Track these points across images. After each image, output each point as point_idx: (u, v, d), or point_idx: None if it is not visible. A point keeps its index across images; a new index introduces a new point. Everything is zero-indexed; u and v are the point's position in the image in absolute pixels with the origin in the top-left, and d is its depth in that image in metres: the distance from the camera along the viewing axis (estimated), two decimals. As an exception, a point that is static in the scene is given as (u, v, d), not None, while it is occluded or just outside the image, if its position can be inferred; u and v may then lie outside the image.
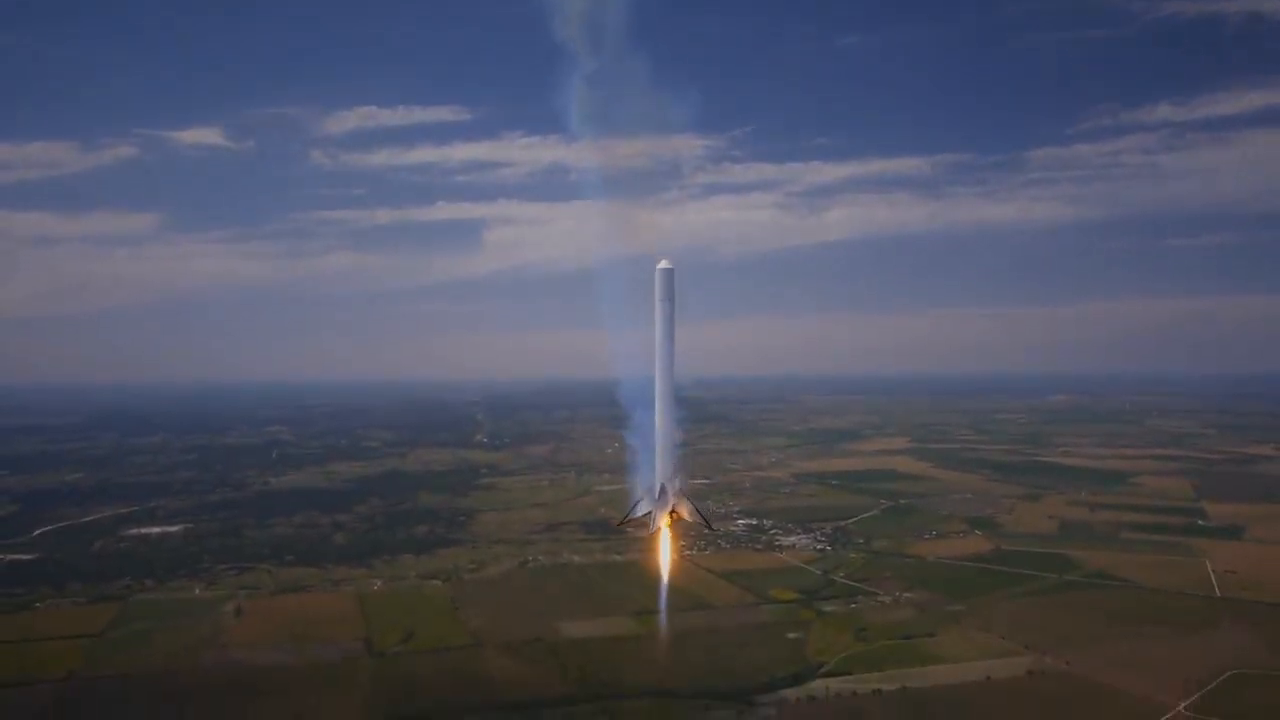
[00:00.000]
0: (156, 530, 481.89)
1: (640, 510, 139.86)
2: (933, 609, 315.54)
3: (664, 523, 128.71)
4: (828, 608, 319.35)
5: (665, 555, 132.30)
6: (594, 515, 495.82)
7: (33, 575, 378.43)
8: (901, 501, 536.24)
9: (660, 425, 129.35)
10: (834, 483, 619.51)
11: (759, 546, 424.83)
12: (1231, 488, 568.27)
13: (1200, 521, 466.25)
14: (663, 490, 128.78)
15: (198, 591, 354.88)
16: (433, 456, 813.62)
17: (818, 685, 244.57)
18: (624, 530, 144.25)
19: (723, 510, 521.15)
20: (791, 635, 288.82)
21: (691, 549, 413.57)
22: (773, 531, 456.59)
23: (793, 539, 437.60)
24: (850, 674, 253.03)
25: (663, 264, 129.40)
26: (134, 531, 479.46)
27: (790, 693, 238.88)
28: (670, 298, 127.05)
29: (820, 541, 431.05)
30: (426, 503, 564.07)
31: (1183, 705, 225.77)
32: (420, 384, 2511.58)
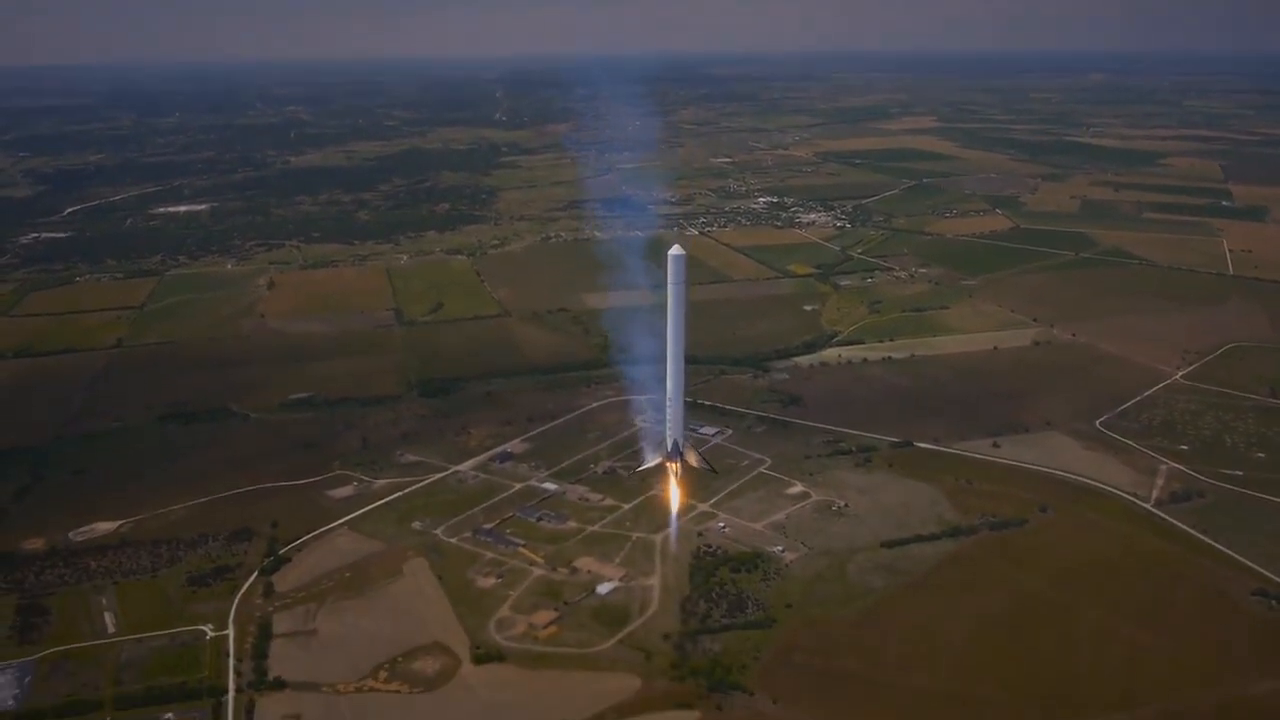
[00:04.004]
0: (183, 208, 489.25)
1: (652, 461, 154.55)
2: (947, 284, 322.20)
3: (674, 469, 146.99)
4: (844, 282, 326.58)
5: (675, 497, 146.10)
6: (616, 192, 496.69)
7: (69, 252, 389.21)
8: (924, 180, 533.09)
9: (671, 390, 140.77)
10: (857, 161, 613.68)
11: (779, 224, 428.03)
12: (1260, 169, 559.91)
13: (1224, 202, 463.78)
14: (675, 445, 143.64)
15: (229, 266, 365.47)
16: (452, 135, 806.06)
17: (830, 353, 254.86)
18: (641, 469, 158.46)
19: (743, 189, 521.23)
20: (807, 307, 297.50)
21: (711, 225, 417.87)
22: (793, 209, 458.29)
23: (813, 216, 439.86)
24: (862, 343, 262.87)
25: (674, 250, 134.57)
26: (162, 210, 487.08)
27: (803, 359, 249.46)
28: (681, 281, 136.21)
29: (840, 219, 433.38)
30: (448, 181, 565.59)
31: (1180, 374, 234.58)
32: (437, 61, 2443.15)
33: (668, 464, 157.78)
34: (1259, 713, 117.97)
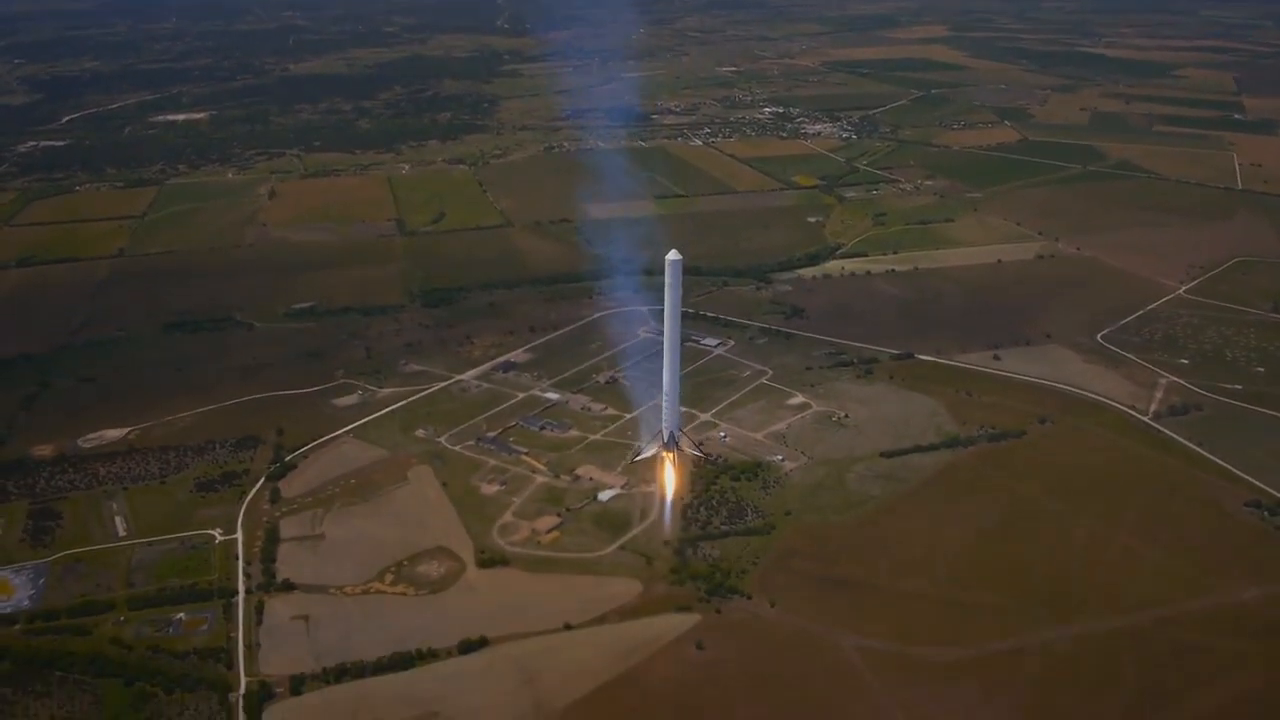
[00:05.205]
0: (182, 117, 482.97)
1: (649, 452, 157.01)
2: (953, 196, 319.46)
3: (669, 458, 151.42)
4: (849, 194, 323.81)
5: (670, 484, 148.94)
6: (619, 102, 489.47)
7: (68, 160, 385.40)
8: (933, 91, 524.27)
9: (667, 385, 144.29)
10: (865, 71, 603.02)
11: (784, 134, 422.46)
12: (1274, 82, 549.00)
13: (1236, 115, 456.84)
14: (671, 436, 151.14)
15: (230, 175, 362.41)
16: (454, 42, 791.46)
17: (833, 265, 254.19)
18: (634, 462, 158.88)
19: (748, 98, 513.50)
20: (811, 219, 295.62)
21: (716, 136, 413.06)
22: (799, 119, 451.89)
23: (819, 127, 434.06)
24: (866, 255, 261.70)
25: (672, 255, 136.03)
26: (160, 118, 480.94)
27: (806, 271, 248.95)
28: (678, 285, 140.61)
29: (847, 130, 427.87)
30: (450, 89, 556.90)
31: (1183, 288, 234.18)
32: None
33: (664, 454, 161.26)
34: (1249, 619, 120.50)
